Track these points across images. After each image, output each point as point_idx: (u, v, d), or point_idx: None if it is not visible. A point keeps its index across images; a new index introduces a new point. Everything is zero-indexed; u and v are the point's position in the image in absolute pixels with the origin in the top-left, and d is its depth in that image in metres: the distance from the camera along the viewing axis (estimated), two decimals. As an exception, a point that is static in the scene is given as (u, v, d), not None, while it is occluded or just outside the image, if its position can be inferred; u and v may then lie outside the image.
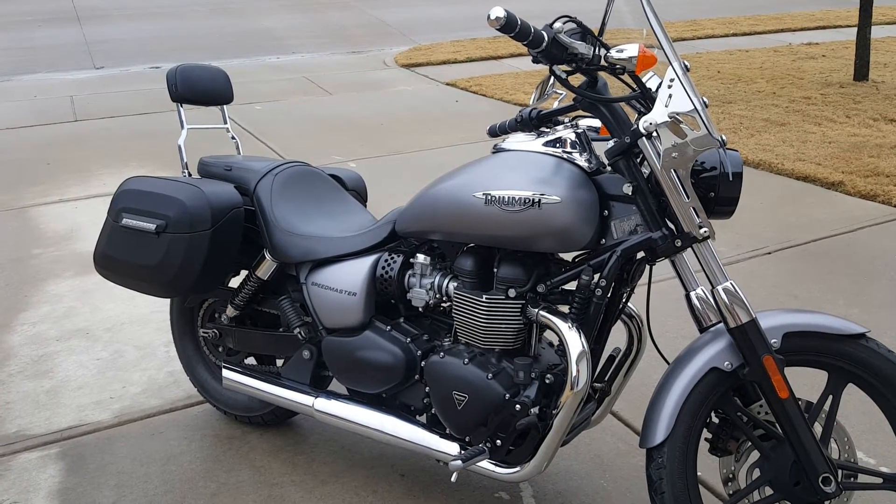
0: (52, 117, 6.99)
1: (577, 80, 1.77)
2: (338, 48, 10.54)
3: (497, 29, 1.59)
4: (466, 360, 1.88)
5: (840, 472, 1.72)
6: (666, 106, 1.61)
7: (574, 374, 1.72)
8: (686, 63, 1.65)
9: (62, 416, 2.64)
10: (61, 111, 7.22)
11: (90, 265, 3.65)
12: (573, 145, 1.77)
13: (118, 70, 9.35)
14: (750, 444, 1.78)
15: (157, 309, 3.33)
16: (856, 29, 7.27)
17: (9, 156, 5.82)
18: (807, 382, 2.11)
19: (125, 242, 2.20)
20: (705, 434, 1.79)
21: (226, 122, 2.53)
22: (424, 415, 2.06)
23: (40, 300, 3.50)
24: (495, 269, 1.86)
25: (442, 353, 1.93)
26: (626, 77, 1.70)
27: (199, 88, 2.40)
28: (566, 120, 1.87)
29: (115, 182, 4.81)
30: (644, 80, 1.70)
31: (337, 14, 12.89)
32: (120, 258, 2.22)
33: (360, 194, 2.47)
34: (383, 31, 11.64)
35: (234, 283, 2.45)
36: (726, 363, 1.69)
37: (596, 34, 1.70)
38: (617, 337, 2.02)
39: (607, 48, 1.67)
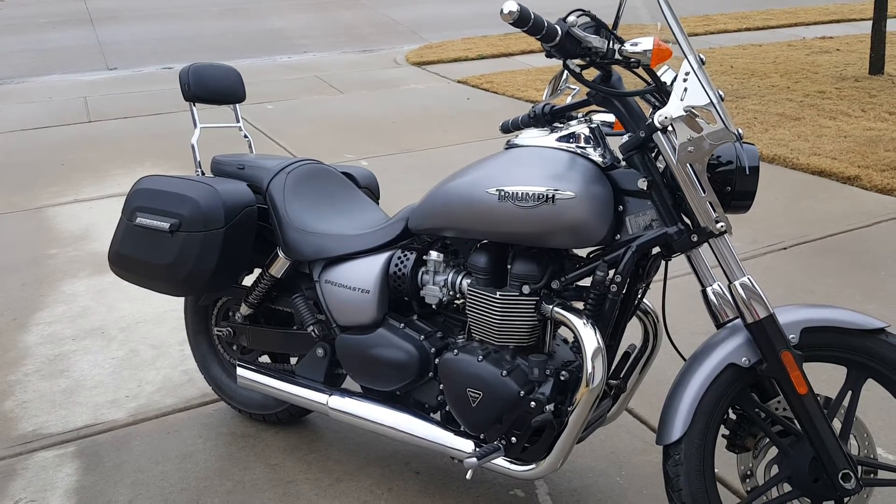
0: (67, 118, 7.04)
1: (591, 74, 1.75)
2: (349, 47, 10.55)
3: (510, 23, 1.58)
4: (480, 357, 1.87)
5: (860, 468, 1.70)
6: (681, 100, 1.59)
7: (589, 370, 1.71)
8: (702, 56, 1.63)
9: (78, 414, 2.65)
10: (75, 112, 7.26)
11: (105, 265, 3.67)
12: (587, 140, 1.76)
13: (131, 71, 9.40)
14: (768, 440, 1.76)
15: (172, 308, 3.34)
16: (870, 22, 7.20)
17: (24, 157, 5.86)
18: (825, 378, 2.09)
19: (139, 241, 2.20)
20: (723, 430, 1.78)
21: (238, 121, 2.53)
22: (439, 412, 2.06)
23: (56, 300, 3.52)
24: (509, 266, 1.85)
25: (456, 351, 1.92)
26: (640, 71, 1.68)
27: (212, 87, 2.40)
28: (580, 115, 1.86)
29: (129, 182, 4.84)
30: (659, 73, 1.69)
31: (348, 13, 12.90)
32: (134, 257, 2.22)
33: (373, 192, 2.46)
34: (394, 29, 11.64)
35: (248, 281, 2.45)
36: (744, 359, 1.68)
37: (610, 28, 1.69)
38: (632, 333, 2.01)
39: (621, 42, 1.65)
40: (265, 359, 2.55)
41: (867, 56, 7.38)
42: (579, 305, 1.82)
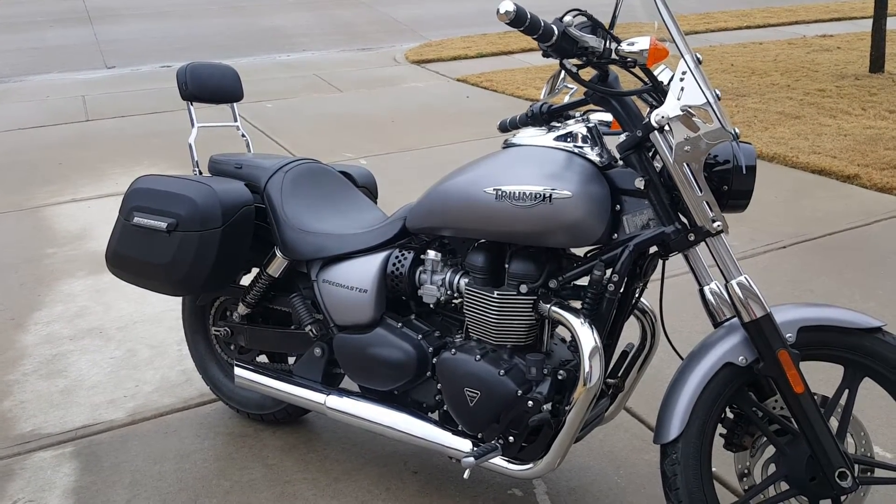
0: (64, 117, 7.03)
1: (588, 74, 1.75)
2: (348, 45, 10.54)
3: (506, 23, 1.58)
4: (478, 356, 1.87)
5: (857, 466, 1.70)
6: (678, 99, 1.59)
7: (587, 369, 1.71)
8: (699, 55, 1.63)
9: (76, 414, 2.65)
10: (73, 111, 7.25)
11: (103, 264, 3.67)
12: (584, 140, 1.76)
13: (129, 69, 9.39)
14: (765, 439, 1.77)
15: (170, 308, 3.34)
16: (871, 20, 7.20)
17: (22, 156, 5.85)
18: (822, 377, 2.09)
19: (137, 241, 2.20)
20: (720, 429, 1.78)
21: (236, 120, 2.53)
22: (436, 412, 2.06)
23: (54, 299, 3.52)
24: (507, 265, 1.85)
25: (453, 350, 1.92)
26: (637, 70, 1.68)
27: (210, 87, 2.40)
28: (577, 114, 1.86)
29: (127, 181, 4.84)
30: (656, 73, 1.69)
31: (347, 11, 12.89)
32: (132, 257, 2.22)
33: (371, 191, 2.47)
34: (393, 27, 11.64)
35: (246, 280, 2.45)
36: (741, 358, 1.68)
37: (607, 27, 1.69)
38: (630, 332, 2.01)
39: (618, 41, 1.65)
40: (263, 358, 2.54)
41: (867, 54, 7.38)
42: (577, 304, 1.82)
